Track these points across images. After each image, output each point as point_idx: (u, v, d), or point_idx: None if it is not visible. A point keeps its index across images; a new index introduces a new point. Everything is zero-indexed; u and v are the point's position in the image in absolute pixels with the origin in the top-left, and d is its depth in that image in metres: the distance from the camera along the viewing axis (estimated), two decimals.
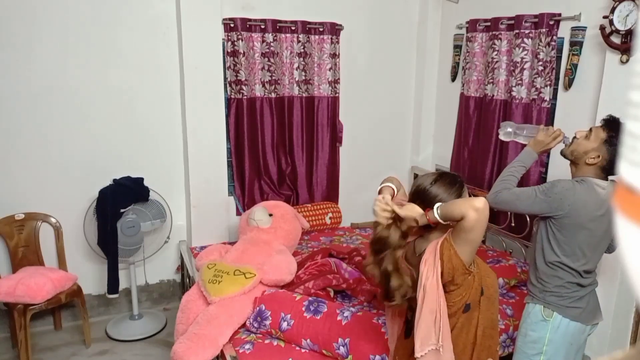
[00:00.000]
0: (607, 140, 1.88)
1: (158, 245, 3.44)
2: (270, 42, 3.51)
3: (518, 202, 1.99)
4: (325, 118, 3.80)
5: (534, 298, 2.03)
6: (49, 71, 3.12)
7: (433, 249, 1.61)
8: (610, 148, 1.87)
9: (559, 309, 1.96)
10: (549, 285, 1.97)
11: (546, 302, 1.98)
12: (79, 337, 3.29)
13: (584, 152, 1.92)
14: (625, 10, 2.47)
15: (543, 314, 1.98)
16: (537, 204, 1.94)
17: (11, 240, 3.15)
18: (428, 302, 1.58)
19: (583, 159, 1.93)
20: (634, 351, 0.44)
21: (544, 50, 2.93)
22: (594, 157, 1.90)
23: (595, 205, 1.87)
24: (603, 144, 1.89)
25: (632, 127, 0.34)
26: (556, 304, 1.97)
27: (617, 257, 2.17)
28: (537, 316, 2.00)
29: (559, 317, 1.96)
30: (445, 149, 3.91)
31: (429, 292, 1.58)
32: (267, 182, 3.75)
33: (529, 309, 2.04)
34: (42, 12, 3.04)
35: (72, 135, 3.24)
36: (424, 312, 1.59)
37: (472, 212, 1.46)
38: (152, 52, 3.32)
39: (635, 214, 0.33)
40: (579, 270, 1.93)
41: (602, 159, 1.89)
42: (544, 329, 1.97)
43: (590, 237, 1.91)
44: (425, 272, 1.59)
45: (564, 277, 1.95)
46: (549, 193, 1.91)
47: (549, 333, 1.97)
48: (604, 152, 1.89)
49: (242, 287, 2.62)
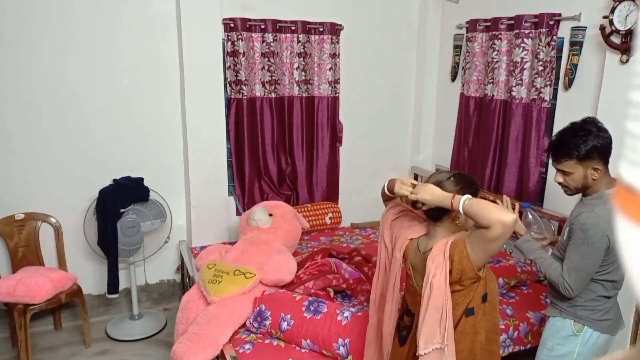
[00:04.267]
0: (580, 159, 1.80)
1: (158, 245, 3.44)
2: (270, 42, 3.51)
3: (589, 277, 1.84)
4: (325, 118, 3.80)
5: (562, 312, 1.94)
6: (49, 71, 3.11)
7: (442, 247, 1.60)
8: (591, 155, 1.79)
9: (590, 322, 1.90)
10: (580, 299, 1.89)
11: (577, 317, 1.91)
12: (79, 337, 3.29)
13: (584, 179, 1.83)
14: (625, 10, 2.47)
15: (574, 329, 1.91)
16: (600, 257, 1.79)
17: (11, 240, 3.15)
18: (434, 299, 1.58)
19: (589, 183, 1.84)
20: (634, 351, 0.44)
21: (544, 50, 2.93)
22: (595, 172, 1.81)
23: None
24: (581, 163, 1.80)
25: (632, 127, 0.34)
26: (588, 317, 1.89)
27: (617, 257, 2.17)
28: (567, 331, 1.93)
29: (590, 331, 1.90)
30: (445, 149, 3.91)
31: (436, 289, 1.57)
32: (267, 182, 3.75)
33: (557, 323, 1.96)
34: (42, 12, 3.04)
35: (72, 135, 3.24)
36: (429, 309, 1.58)
37: (499, 227, 1.43)
38: (152, 52, 3.32)
39: (635, 214, 0.33)
40: (610, 280, 1.86)
41: (600, 166, 1.80)
42: (574, 343, 1.92)
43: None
44: (433, 269, 1.59)
45: (597, 290, 1.87)
46: (592, 241, 1.77)
47: (578, 347, 1.91)
48: (593, 164, 1.80)
49: (242, 287, 2.62)
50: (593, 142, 1.78)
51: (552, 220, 2.98)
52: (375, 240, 3.73)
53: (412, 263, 1.76)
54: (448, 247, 1.59)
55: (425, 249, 1.69)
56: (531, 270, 3.00)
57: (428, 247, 1.68)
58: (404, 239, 1.77)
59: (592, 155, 1.79)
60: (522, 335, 2.65)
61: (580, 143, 1.79)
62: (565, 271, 1.83)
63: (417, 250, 1.74)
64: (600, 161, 1.80)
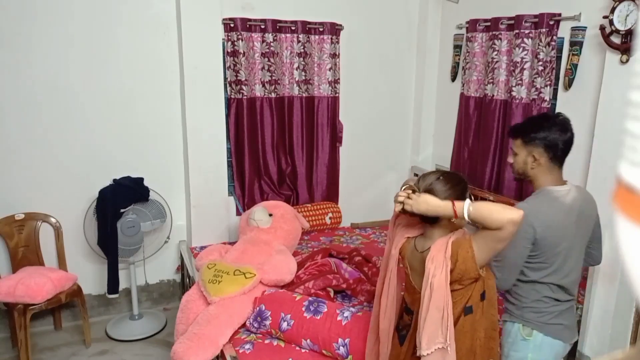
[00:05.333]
0: (524, 140, 1.84)
1: (158, 245, 3.44)
2: (270, 42, 3.51)
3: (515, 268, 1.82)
4: (325, 118, 3.80)
5: (511, 315, 1.90)
6: (49, 71, 3.12)
7: (441, 246, 1.60)
8: (534, 142, 1.82)
9: (538, 326, 1.83)
10: (526, 300, 1.84)
11: (524, 320, 1.85)
12: (79, 337, 3.29)
13: (523, 164, 1.86)
14: (625, 10, 2.47)
15: (522, 333, 1.85)
16: (525, 249, 1.78)
17: (11, 240, 3.15)
18: (435, 300, 1.57)
19: (527, 171, 1.87)
20: (634, 351, 0.44)
21: (544, 50, 2.93)
22: (533, 162, 1.84)
23: (560, 212, 1.79)
24: (525, 146, 1.84)
25: (632, 127, 0.34)
26: (535, 321, 1.83)
27: (617, 257, 2.17)
28: (516, 335, 1.87)
29: (540, 336, 1.83)
30: (445, 149, 3.91)
31: (437, 289, 1.57)
32: (267, 182, 3.75)
33: (508, 327, 1.91)
34: (42, 12, 3.04)
35: (72, 135, 3.24)
36: (430, 309, 1.58)
37: (511, 226, 1.45)
38: (152, 52, 3.32)
39: (635, 214, 0.33)
40: (556, 283, 1.82)
41: (540, 157, 1.82)
42: (525, 348, 1.85)
43: (557, 246, 1.79)
44: (433, 270, 1.58)
45: (542, 291, 1.83)
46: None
47: (530, 353, 1.84)
48: (534, 151, 1.83)
49: (242, 287, 2.62)
50: (543, 134, 1.81)
51: None
52: (375, 240, 3.74)
53: (409, 262, 1.76)
54: (449, 246, 1.58)
55: (423, 249, 1.69)
56: None
57: (425, 247, 1.68)
58: (401, 236, 1.78)
59: (536, 143, 1.81)
60: None
61: (530, 127, 1.85)
62: (494, 260, 1.83)
63: (415, 249, 1.74)
64: (543, 153, 1.81)
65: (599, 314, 2.78)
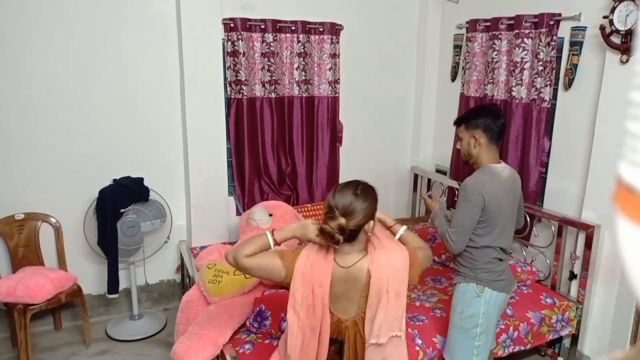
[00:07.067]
0: (466, 126, 2.22)
1: (158, 245, 3.44)
2: (270, 42, 3.51)
3: (467, 232, 2.14)
4: (325, 118, 3.80)
5: (465, 277, 2.22)
6: (49, 71, 3.11)
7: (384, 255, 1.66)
8: (474, 125, 2.19)
9: (489, 283, 2.17)
10: (478, 263, 2.18)
11: (478, 280, 2.18)
12: (79, 337, 3.29)
13: (467, 146, 2.23)
14: (625, 10, 2.47)
15: (476, 291, 2.18)
16: (476, 215, 2.12)
17: (11, 240, 3.15)
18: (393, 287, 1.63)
19: (471, 151, 2.22)
20: (634, 351, 0.44)
21: (544, 50, 2.93)
22: (475, 143, 2.20)
23: (499, 184, 2.14)
24: (467, 130, 2.22)
25: (632, 127, 0.34)
26: (486, 279, 2.18)
27: (617, 257, 2.18)
28: (471, 293, 2.19)
29: (489, 291, 2.17)
30: (445, 149, 3.91)
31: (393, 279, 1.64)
32: (267, 182, 3.75)
33: (462, 288, 2.23)
34: (42, 12, 3.04)
35: (72, 135, 3.24)
36: (390, 299, 1.62)
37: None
38: (152, 52, 3.32)
39: (635, 214, 0.33)
40: (500, 246, 2.18)
41: (480, 137, 2.18)
42: (478, 303, 2.17)
43: (499, 212, 2.13)
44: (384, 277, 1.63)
45: (491, 254, 2.17)
46: (469, 198, 2.11)
47: (482, 307, 2.17)
48: (474, 133, 2.19)
49: (242, 287, 2.62)
50: (481, 119, 2.19)
51: (551, 221, 2.98)
52: None
53: (333, 285, 1.66)
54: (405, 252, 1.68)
55: (348, 264, 1.65)
56: (531, 270, 3.01)
57: (351, 262, 1.65)
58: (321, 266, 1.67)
59: (476, 125, 2.19)
60: (522, 335, 2.65)
61: (471, 115, 2.25)
62: (449, 226, 2.19)
63: (338, 266, 1.66)
64: (482, 134, 2.18)
65: (599, 314, 2.78)
